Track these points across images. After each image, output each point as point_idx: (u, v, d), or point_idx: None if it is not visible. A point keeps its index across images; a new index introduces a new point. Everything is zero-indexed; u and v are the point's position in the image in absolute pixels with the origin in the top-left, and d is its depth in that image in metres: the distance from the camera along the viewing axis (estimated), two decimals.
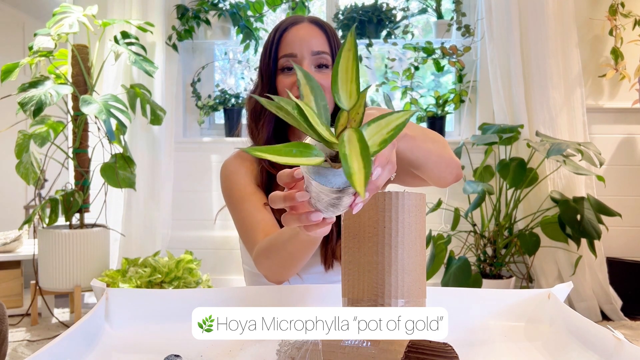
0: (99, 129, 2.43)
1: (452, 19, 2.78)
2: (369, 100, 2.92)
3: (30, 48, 2.30)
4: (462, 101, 2.85)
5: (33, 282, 2.42)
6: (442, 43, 2.82)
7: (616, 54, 2.72)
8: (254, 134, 1.08)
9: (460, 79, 2.86)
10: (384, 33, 2.80)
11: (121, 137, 2.38)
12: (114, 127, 2.27)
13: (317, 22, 1.05)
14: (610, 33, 2.73)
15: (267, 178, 1.05)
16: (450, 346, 0.55)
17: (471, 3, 2.88)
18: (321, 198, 0.51)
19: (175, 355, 0.65)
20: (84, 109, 2.14)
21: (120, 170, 2.37)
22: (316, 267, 1.04)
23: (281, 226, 1.01)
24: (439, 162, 0.83)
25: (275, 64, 1.03)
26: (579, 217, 2.28)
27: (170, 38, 2.79)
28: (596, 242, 2.32)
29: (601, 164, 2.28)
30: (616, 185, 2.79)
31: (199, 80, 2.93)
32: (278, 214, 1.02)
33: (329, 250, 1.02)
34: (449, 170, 0.87)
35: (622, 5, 2.71)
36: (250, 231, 0.97)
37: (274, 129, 1.06)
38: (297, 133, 1.08)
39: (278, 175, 0.55)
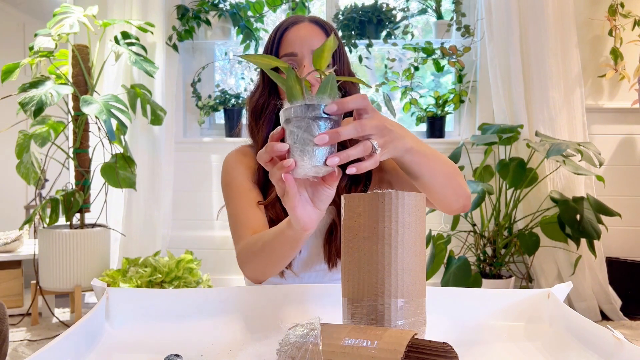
0: (99, 129, 2.43)
1: (451, 19, 2.78)
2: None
3: (31, 48, 2.30)
4: (461, 101, 2.86)
5: (33, 281, 2.42)
6: (442, 43, 2.82)
7: (616, 54, 2.72)
8: (254, 132, 1.09)
9: (460, 79, 2.86)
10: (383, 33, 2.80)
11: (121, 137, 2.38)
12: (114, 127, 2.28)
13: (317, 22, 1.05)
14: (610, 33, 2.74)
15: (264, 176, 1.06)
16: (450, 346, 0.55)
17: (471, 3, 2.88)
18: (296, 135, 0.59)
19: (176, 355, 0.65)
20: (85, 109, 2.14)
21: (121, 170, 2.38)
22: (319, 265, 1.04)
23: (272, 226, 1.01)
24: (445, 184, 0.83)
25: None
26: (578, 217, 2.28)
27: (170, 38, 2.79)
28: (596, 242, 2.32)
29: (601, 164, 2.29)
30: (616, 185, 2.80)
31: (199, 80, 2.93)
32: (272, 212, 1.03)
33: (333, 248, 1.03)
34: (455, 197, 0.88)
35: (622, 5, 2.72)
36: (239, 226, 0.99)
37: (273, 128, 1.07)
38: None
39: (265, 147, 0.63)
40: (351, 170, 0.62)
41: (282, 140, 0.63)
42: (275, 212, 1.03)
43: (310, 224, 0.68)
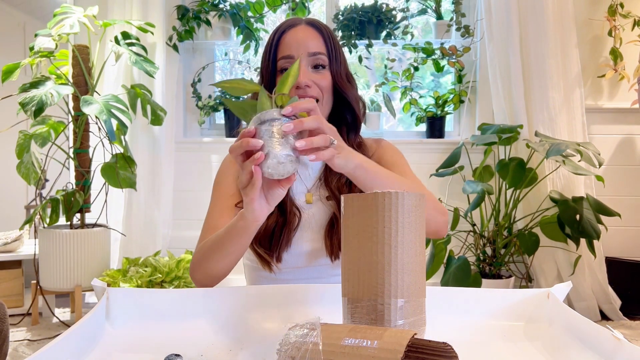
0: (99, 129, 2.43)
1: (451, 19, 2.79)
2: (369, 101, 2.92)
3: (31, 48, 2.30)
4: (461, 101, 2.86)
5: (34, 281, 2.42)
6: (442, 43, 2.82)
7: (615, 54, 2.73)
8: None
9: (459, 79, 2.86)
10: (383, 34, 2.80)
11: (122, 137, 2.38)
12: (114, 127, 2.28)
13: (313, 24, 1.08)
14: (610, 33, 2.74)
15: None
16: (450, 346, 0.55)
17: (471, 3, 2.88)
18: (270, 132, 0.71)
19: (176, 355, 0.66)
20: (85, 109, 2.15)
21: (121, 170, 2.38)
22: (323, 259, 1.06)
23: None
24: None
25: (275, 65, 1.07)
26: (578, 217, 2.28)
27: (170, 38, 2.79)
28: (595, 241, 2.32)
29: (600, 164, 2.29)
30: (615, 185, 2.80)
31: (199, 80, 2.94)
32: None
33: (335, 241, 1.04)
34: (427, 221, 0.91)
35: (622, 5, 2.72)
36: (206, 230, 1.07)
37: None
38: None
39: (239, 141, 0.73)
40: (311, 157, 0.74)
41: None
42: None
43: (261, 217, 0.80)
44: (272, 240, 1.03)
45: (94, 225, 2.47)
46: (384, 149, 1.16)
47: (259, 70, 1.12)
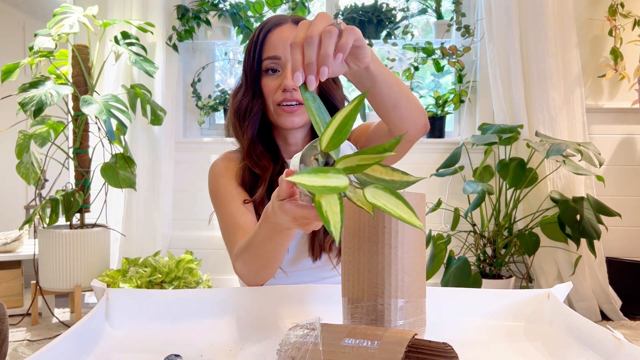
0: (99, 129, 2.43)
1: (451, 19, 2.78)
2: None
3: (31, 48, 2.30)
4: (461, 101, 2.86)
5: (33, 282, 2.42)
6: (442, 43, 2.82)
7: (616, 54, 2.72)
8: (238, 133, 1.10)
9: (460, 79, 2.86)
10: (383, 33, 2.80)
11: (121, 137, 2.38)
12: (114, 127, 2.28)
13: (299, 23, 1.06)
14: (610, 33, 2.74)
15: (250, 175, 1.07)
16: (450, 346, 0.55)
17: (471, 3, 2.88)
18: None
19: (176, 355, 0.66)
20: (85, 109, 2.14)
21: (121, 170, 2.38)
22: (305, 260, 1.07)
23: None
24: (408, 102, 0.83)
25: (259, 65, 1.03)
26: (578, 217, 2.28)
27: (170, 38, 2.79)
28: (596, 242, 2.32)
29: (601, 164, 2.29)
30: (616, 186, 2.80)
31: (199, 80, 2.93)
32: (261, 209, 1.03)
33: (316, 242, 1.05)
34: (417, 114, 0.86)
35: (622, 5, 2.72)
36: (231, 233, 0.99)
37: (258, 129, 1.08)
38: (281, 134, 1.10)
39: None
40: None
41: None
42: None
43: None
44: None
45: (94, 225, 2.47)
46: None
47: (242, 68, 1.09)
